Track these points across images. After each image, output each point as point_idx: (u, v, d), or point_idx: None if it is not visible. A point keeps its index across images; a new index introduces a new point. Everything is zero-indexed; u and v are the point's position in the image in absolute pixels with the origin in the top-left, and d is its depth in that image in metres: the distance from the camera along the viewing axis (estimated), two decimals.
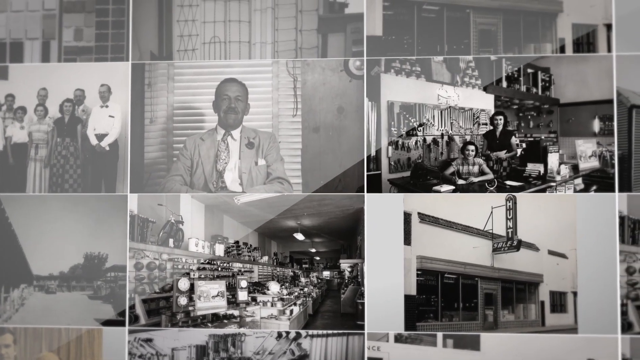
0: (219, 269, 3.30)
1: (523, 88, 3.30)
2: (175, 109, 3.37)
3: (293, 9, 3.36)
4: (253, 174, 3.34)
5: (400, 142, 3.31)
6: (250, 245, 3.29)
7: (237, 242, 3.32)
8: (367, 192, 3.31)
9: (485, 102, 3.30)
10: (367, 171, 3.31)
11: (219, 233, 3.31)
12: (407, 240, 3.26)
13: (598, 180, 3.22)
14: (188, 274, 3.32)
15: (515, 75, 3.30)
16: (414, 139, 3.31)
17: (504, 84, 3.29)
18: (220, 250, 3.31)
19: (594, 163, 3.24)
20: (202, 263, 3.34)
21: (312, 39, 3.35)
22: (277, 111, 3.36)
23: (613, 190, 3.21)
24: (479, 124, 3.30)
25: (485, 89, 3.30)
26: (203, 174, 3.34)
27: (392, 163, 3.30)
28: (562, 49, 3.26)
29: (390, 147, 3.31)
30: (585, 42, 3.27)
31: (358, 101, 3.32)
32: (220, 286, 3.30)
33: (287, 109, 3.35)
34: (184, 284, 3.32)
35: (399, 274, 3.26)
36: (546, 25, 3.28)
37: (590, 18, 3.26)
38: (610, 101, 3.23)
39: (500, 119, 3.29)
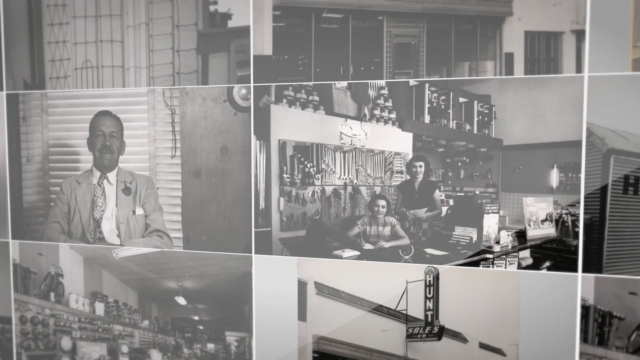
0: (100, 330, 1.98)
1: (452, 124, 1.67)
2: (51, 146, 2.00)
3: (169, 24, 1.87)
4: (131, 225, 1.95)
5: (294, 193, 1.80)
6: (131, 307, 1.95)
7: (116, 301, 1.98)
8: (255, 253, 1.84)
9: (402, 143, 1.70)
10: (256, 227, 1.84)
11: (99, 290, 1.97)
12: (302, 315, 1.78)
13: (554, 255, 1.59)
14: (70, 332, 2.03)
15: (442, 107, 1.68)
16: (310, 189, 1.78)
17: (427, 118, 1.68)
18: (100, 309, 1.98)
19: (549, 230, 1.61)
20: (83, 322, 2.03)
21: (191, 61, 1.85)
22: (154, 151, 1.92)
23: (575, 270, 1.57)
24: (392, 172, 1.72)
25: (401, 126, 1.71)
26: (80, 222, 1.99)
27: (285, 218, 1.81)
28: (510, 69, 1.61)
29: (282, 199, 1.81)
30: (543, 59, 1.59)
31: (244, 140, 1.82)
32: (101, 349, 1.99)
33: (165, 149, 1.91)
34: (66, 343, 2.03)
35: (293, 355, 1.80)
36: (488, 36, 1.61)
37: (553, 22, 1.57)
38: (578, 143, 1.56)
39: (421, 166, 1.69)
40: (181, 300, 1.83)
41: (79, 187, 1.90)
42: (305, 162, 1.67)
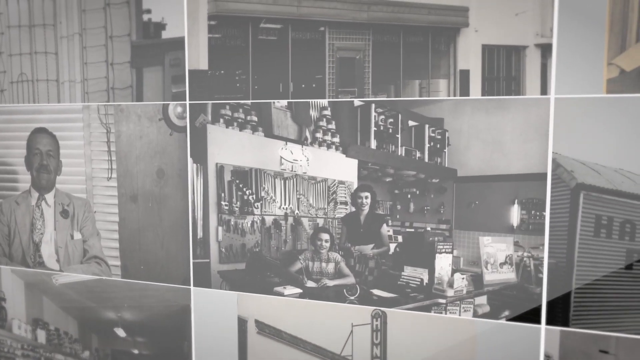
0: (42, 358, 1.86)
1: (401, 151, 1.46)
2: None
3: (102, 34, 1.70)
4: (69, 250, 1.80)
5: (232, 222, 1.62)
6: (72, 336, 1.82)
7: (57, 329, 1.85)
8: (194, 285, 1.68)
9: (346, 171, 1.50)
10: (194, 258, 1.67)
11: (40, 317, 1.84)
12: (243, 355, 1.61)
13: (514, 303, 1.37)
14: (14, 359, 1.91)
15: (390, 131, 1.47)
16: (249, 218, 1.60)
17: (373, 143, 1.47)
18: (42, 336, 1.86)
19: (509, 275, 1.38)
20: (26, 349, 1.91)
21: (125, 75, 1.68)
22: (91, 172, 1.76)
23: (538, 322, 1.35)
24: (335, 203, 1.52)
25: (345, 151, 1.50)
26: (21, 245, 1.86)
27: (224, 250, 1.63)
28: (465, 89, 1.38)
29: (220, 228, 1.63)
30: (504, 77, 1.36)
31: (181, 162, 1.64)
32: None
33: (101, 170, 1.75)
34: None
35: None
36: (440, 50, 1.39)
37: (514, 35, 1.33)
38: (542, 176, 1.33)
39: (367, 198, 1.49)
40: (121, 332, 1.69)
41: (18, 208, 1.76)
42: (244, 189, 1.49)
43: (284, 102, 1.43)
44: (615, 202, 1.20)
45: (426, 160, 1.33)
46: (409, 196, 1.35)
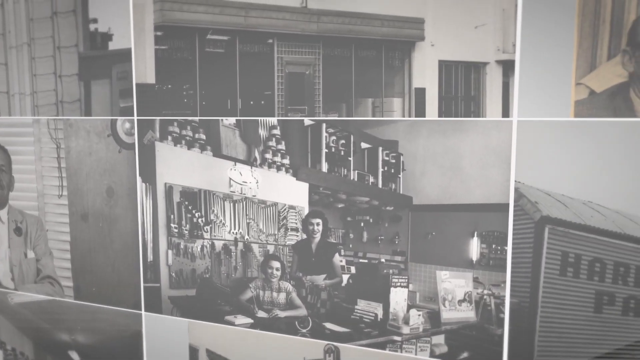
0: None
1: (354, 175, 1.33)
2: None
3: (50, 45, 1.60)
4: (24, 268, 1.72)
5: (182, 246, 1.52)
6: (27, 357, 1.74)
7: (14, 349, 1.78)
8: (145, 310, 1.59)
9: (296, 195, 1.39)
10: (145, 282, 1.57)
11: None
12: None
13: (473, 344, 1.24)
14: None
15: (342, 153, 1.34)
16: (199, 242, 1.49)
17: (324, 166, 1.35)
18: (0, 356, 1.79)
19: (468, 313, 1.25)
20: None
21: (73, 88, 1.58)
22: (42, 189, 1.67)
23: None
24: (286, 229, 1.40)
25: (295, 174, 1.38)
26: None
27: (174, 274, 1.53)
28: (421, 109, 1.25)
29: (170, 252, 1.53)
30: (462, 97, 1.22)
31: (130, 181, 1.54)
32: None
33: (52, 187, 1.66)
34: None
35: None
36: (394, 66, 1.25)
37: (474, 50, 1.19)
38: (504, 207, 1.20)
39: (318, 224, 1.37)
40: (75, 355, 1.61)
41: None
42: (193, 211, 1.39)
43: (232, 120, 1.32)
44: (584, 238, 1.07)
45: (380, 186, 1.21)
46: (362, 224, 1.24)
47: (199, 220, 1.39)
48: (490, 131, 1.10)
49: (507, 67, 1.08)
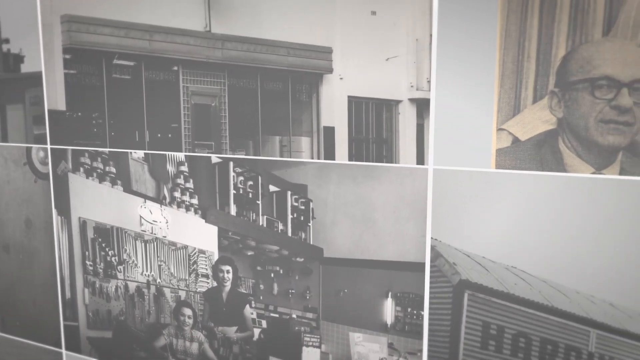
0: None
1: (262, 220, 1.18)
2: None
3: None
4: None
5: (97, 285, 1.40)
6: None
7: None
8: (66, 349, 1.49)
9: (206, 238, 1.25)
10: (64, 319, 1.47)
11: None
12: None
13: None
14: None
15: (250, 195, 1.19)
16: (114, 282, 1.37)
17: (233, 208, 1.21)
18: None
19: None
20: None
21: None
22: None
23: None
24: (197, 275, 1.27)
25: (204, 215, 1.24)
26: None
27: (91, 314, 1.43)
28: (330, 151, 1.09)
29: (87, 290, 1.42)
30: (373, 139, 1.06)
31: (46, 213, 1.43)
32: None
33: None
34: None
35: None
36: (302, 100, 1.10)
37: (386, 85, 1.02)
38: (420, 266, 1.04)
39: (228, 272, 1.23)
40: None
41: None
42: (107, 249, 1.28)
43: (141, 154, 1.20)
44: (507, 308, 0.91)
45: (289, 234, 1.07)
46: (272, 275, 1.10)
47: (112, 259, 1.27)
48: (404, 180, 0.95)
49: (422, 106, 0.92)
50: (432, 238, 0.95)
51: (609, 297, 0.85)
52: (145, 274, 1.25)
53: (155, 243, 1.22)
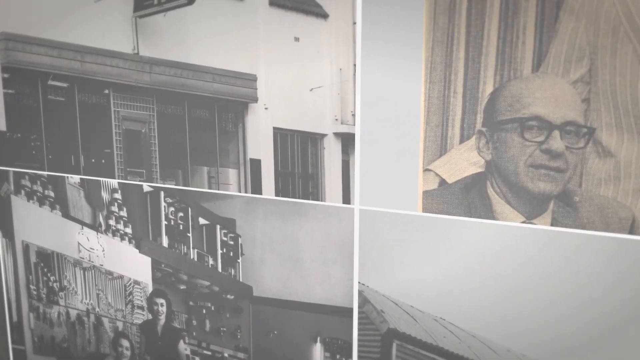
0: None
1: (193, 254, 1.12)
2: None
3: None
4: None
5: (41, 310, 1.36)
6: None
7: None
8: None
9: (141, 269, 1.19)
10: (13, 343, 1.43)
11: None
12: None
13: None
14: None
15: (181, 227, 1.12)
16: (56, 308, 1.33)
17: (165, 240, 1.15)
18: None
19: None
20: None
21: None
22: None
23: None
24: (133, 306, 1.22)
25: (138, 246, 1.18)
26: None
27: (36, 339, 1.39)
28: (257, 185, 1.02)
29: (31, 315, 1.38)
30: (299, 174, 0.99)
31: None
32: None
33: None
34: None
35: None
36: (228, 130, 1.03)
37: (310, 118, 0.95)
38: (348, 312, 0.97)
39: (162, 305, 1.17)
40: None
41: None
42: (49, 274, 1.24)
43: (77, 179, 1.15)
44: None
45: (219, 269, 1.01)
46: (204, 311, 1.04)
47: (54, 284, 1.23)
48: (331, 219, 0.88)
49: (347, 141, 0.85)
50: (359, 282, 0.88)
51: (542, 357, 0.77)
52: (84, 302, 1.20)
53: (93, 271, 1.17)
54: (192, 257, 1.04)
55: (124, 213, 1.10)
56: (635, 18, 0.65)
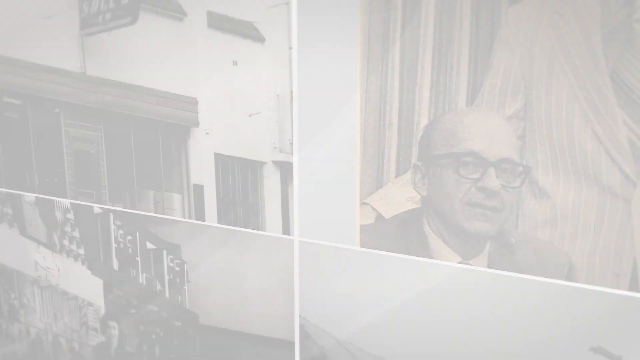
0: None
1: (142, 278, 1.09)
2: None
3: None
4: None
5: (4, 327, 1.34)
6: None
7: None
8: None
9: (93, 291, 1.16)
10: None
11: None
12: None
13: None
14: None
15: (130, 251, 1.10)
16: (17, 325, 1.32)
17: (115, 263, 1.12)
18: None
19: None
20: None
21: None
22: None
23: None
24: (87, 328, 1.19)
25: (90, 267, 1.16)
26: None
27: (1, 357, 1.37)
28: (200, 211, 0.99)
29: None
30: (240, 201, 0.95)
31: None
32: None
33: None
34: None
35: None
36: (171, 154, 1.00)
37: (249, 145, 0.91)
38: (290, 345, 0.93)
39: (114, 328, 1.15)
40: None
41: None
42: (9, 292, 1.22)
43: (32, 197, 1.13)
44: None
45: (167, 295, 0.98)
46: (154, 337, 1.01)
47: (15, 301, 1.21)
48: (272, 250, 0.84)
49: (285, 170, 0.81)
50: (300, 316, 0.84)
51: None
52: (42, 321, 1.18)
53: (50, 290, 1.15)
54: (141, 282, 1.01)
55: (76, 234, 1.08)
56: (570, 51, 0.60)
